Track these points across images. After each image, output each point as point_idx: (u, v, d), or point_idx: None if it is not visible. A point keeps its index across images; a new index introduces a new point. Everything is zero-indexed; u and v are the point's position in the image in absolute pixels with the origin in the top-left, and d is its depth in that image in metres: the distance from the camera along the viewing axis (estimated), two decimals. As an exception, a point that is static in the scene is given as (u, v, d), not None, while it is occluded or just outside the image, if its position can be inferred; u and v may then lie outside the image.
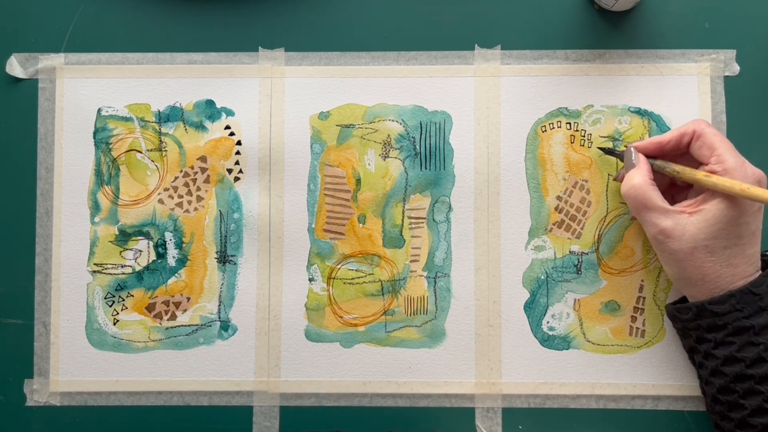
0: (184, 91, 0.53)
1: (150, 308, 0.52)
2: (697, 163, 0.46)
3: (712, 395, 0.46)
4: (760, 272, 0.45)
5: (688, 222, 0.44)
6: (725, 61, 0.52)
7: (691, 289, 0.46)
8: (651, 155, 0.47)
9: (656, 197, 0.45)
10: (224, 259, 0.52)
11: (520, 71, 0.52)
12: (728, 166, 0.44)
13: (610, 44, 0.52)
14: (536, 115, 0.52)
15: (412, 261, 0.52)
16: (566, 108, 0.52)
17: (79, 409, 0.52)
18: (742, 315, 0.44)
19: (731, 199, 0.44)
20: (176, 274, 0.52)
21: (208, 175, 0.52)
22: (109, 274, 0.52)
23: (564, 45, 0.52)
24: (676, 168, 0.46)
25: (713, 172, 0.44)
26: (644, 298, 0.51)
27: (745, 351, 0.43)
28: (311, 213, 0.52)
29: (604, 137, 0.52)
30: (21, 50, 0.53)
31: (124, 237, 0.52)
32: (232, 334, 0.52)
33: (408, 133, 0.52)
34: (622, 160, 0.49)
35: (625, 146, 0.49)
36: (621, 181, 0.49)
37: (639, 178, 0.46)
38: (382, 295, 0.52)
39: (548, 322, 0.51)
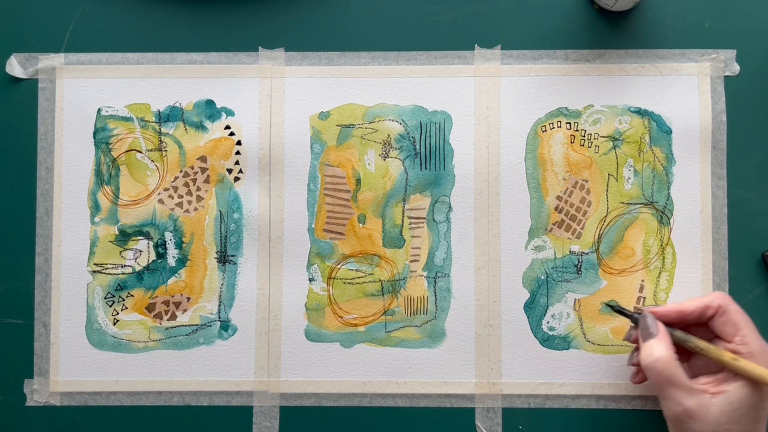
0: (184, 91, 0.53)
1: (150, 308, 0.52)
2: (711, 334, 0.46)
3: None
4: None
5: (711, 404, 0.43)
6: (725, 61, 0.52)
7: None
8: (669, 323, 0.46)
9: (682, 374, 0.43)
10: (224, 259, 0.52)
11: (520, 71, 0.52)
12: (753, 349, 0.43)
13: (610, 44, 0.52)
14: (536, 115, 0.52)
15: (412, 261, 0.52)
16: (566, 108, 0.52)
17: (79, 409, 0.52)
18: None
19: (754, 383, 0.43)
20: (176, 274, 0.52)
21: (208, 175, 0.52)
22: (109, 274, 0.52)
23: (564, 45, 0.52)
24: (699, 344, 0.45)
25: (736, 352, 0.44)
26: (644, 298, 0.51)
27: None
28: (311, 213, 0.52)
29: (604, 137, 0.52)
30: (21, 50, 0.53)
31: (124, 237, 0.52)
32: (232, 334, 0.52)
33: (408, 133, 0.52)
34: (633, 322, 0.47)
35: (640, 311, 0.46)
36: (633, 341, 0.47)
37: (663, 351, 0.44)
38: (382, 295, 0.52)
39: (548, 322, 0.51)
